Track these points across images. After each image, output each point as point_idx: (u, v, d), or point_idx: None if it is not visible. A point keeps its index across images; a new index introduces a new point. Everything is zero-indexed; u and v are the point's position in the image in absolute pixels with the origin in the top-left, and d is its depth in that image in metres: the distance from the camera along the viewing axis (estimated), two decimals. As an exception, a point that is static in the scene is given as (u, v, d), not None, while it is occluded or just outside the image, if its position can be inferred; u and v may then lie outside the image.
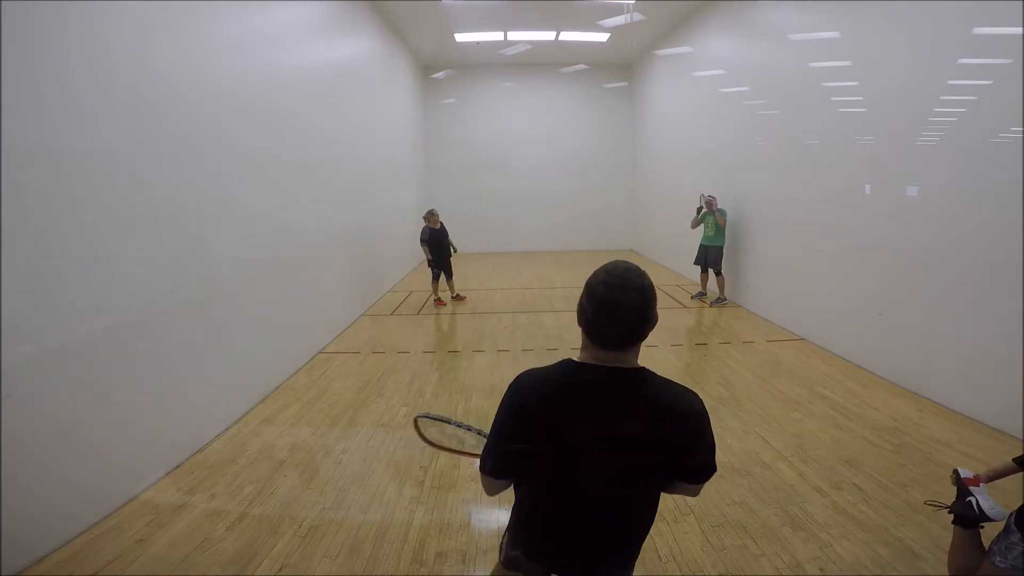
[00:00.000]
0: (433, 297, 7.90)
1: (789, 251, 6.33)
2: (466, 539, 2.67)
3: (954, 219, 4.01)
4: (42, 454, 2.52)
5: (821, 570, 2.40)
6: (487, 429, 1.41)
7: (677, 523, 2.76)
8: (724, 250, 7.46)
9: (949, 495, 2.90)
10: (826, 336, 5.61)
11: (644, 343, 1.27)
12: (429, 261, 7.71)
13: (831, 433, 3.72)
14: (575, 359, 1.30)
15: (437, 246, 7.65)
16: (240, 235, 4.25)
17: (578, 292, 1.28)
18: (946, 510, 1.80)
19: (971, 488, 1.69)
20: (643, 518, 1.38)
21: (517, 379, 1.33)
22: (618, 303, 1.19)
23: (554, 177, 13.41)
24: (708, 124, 8.63)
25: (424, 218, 7.70)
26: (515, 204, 13.43)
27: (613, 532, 1.35)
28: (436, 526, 2.78)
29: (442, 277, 7.84)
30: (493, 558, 2.53)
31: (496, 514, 2.87)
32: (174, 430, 3.41)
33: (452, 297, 8.02)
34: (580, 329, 1.28)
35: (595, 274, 1.25)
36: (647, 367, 1.27)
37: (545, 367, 1.32)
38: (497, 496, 1.42)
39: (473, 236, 13.15)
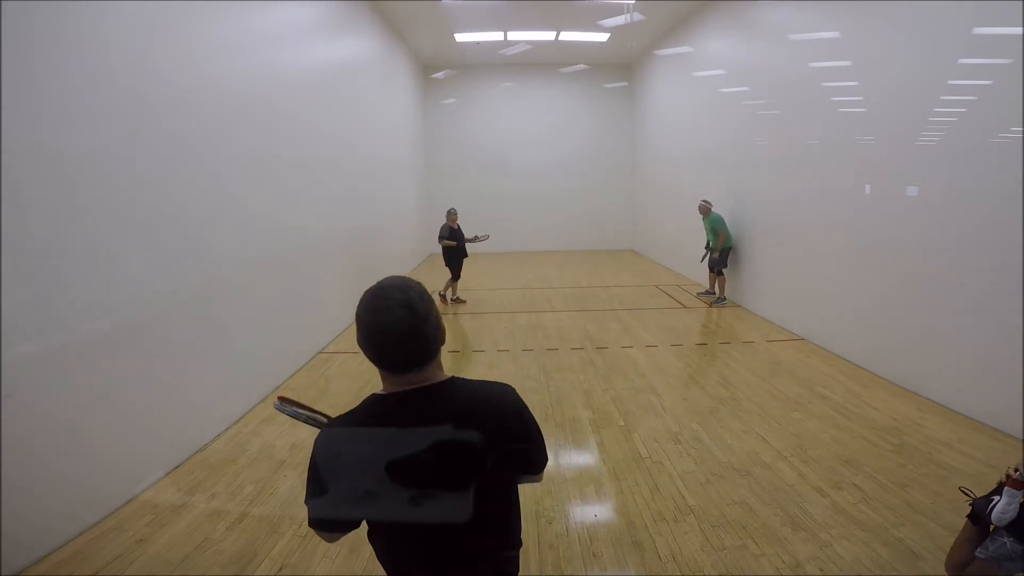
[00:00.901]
0: (439, 292, 7.88)
1: (789, 251, 6.33)
2: (466, 539, 2.67)
3: (954, 219, 4.01)
4: (42, 454, 2.52)
5: (821, 570, 2.40)
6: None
7: (677, 523, 2.76)
8: (725, 250, 7.47)
9: (947, 495, 2.91)
10: (826, 336, 5.61)
11: (645, 343, 1.27)
12: (447, 259, 7.67)
13: (831, 433, 3.72)
14: (379, 392, 1.20)
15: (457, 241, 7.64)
16: (240, 235, 4.25)
17: (578, 292, 1.28)
18: (970, 501, 1.77)
19: (1007, 489, 1.65)
20: (501, 517, 1.27)
21: (321, 433, 1.22)
22: (384, 325, 1.08)
23: (554, 177, 13.42)
24: (708, 124, 8.63)
25: (446, 216, 7.68)
26: (515, 204, 13.43)
27: (475, 543, 1.23)
28: (436, 526, 2.77)
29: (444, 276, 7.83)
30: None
31: (496, 514, 2.87)
32: (174, 430, 3.41)
33: (452, 299, 7.99)
34: None
35: (362, 297, 1.13)
36: (459, 376, 1.21)
37: (349, 411, 1.22)
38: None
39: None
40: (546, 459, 1.30)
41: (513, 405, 1.23)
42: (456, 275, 7.84)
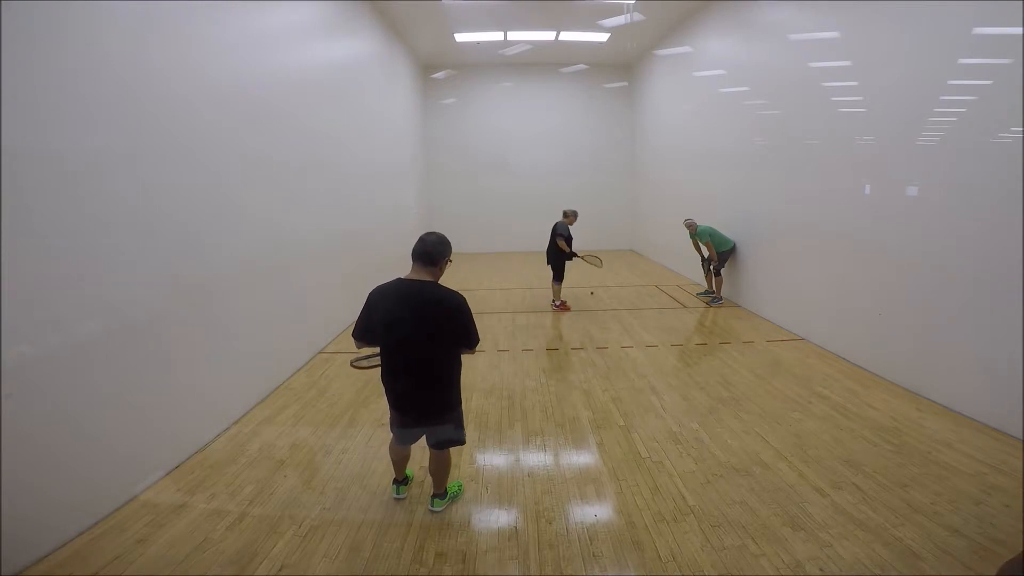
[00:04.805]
0: (556, 301, 7.50)
1: (789, 251, 6.33)
2: (466, 539, 2.67)
3: (954, 219, 4.01)
4: (42, 454, 2.52)
5: (821, 570, 2.40)
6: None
7: (677, 523, 2.76)
8: (724, 252, 7.49)
9: (947, 495, 2.92)
10: (826, 336, 5.61)
11: (645, 343, 1.30)
12: (559, 261, 7.36)
13: (831, 433, 3.72)
14: (402, 276, 2.51)
15: (570, 247, 7.36)
16: (239, 235, 4.24)
17: (578, 292, 1.34)
18: None
19: None
20: (442, 368, 2.54)
21: (373, 291, 2.51)
22: (422, 237, 2.55)
23: (554, 177, 13.40)
24: (708, 124, 8.63)
25: (568, 215, 7.37)
26: (515, 204, 13.42)
27: (424, 377, 2.52)
28: (436, 526, 2.78)
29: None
30: (493, 558, 2.53)
31: (496, 514, 2.87)
32: (174, 430, 3.41)
33: (556, 304, 7.51)
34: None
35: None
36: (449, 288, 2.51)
37: (385, 283, 2.50)
38: (498, 497, 1.47)
39: (473, 236, 13.14)
40: (476, 340, 2.53)
41: (456, 303, 2.45)
42: (561, 277, 7.48)
